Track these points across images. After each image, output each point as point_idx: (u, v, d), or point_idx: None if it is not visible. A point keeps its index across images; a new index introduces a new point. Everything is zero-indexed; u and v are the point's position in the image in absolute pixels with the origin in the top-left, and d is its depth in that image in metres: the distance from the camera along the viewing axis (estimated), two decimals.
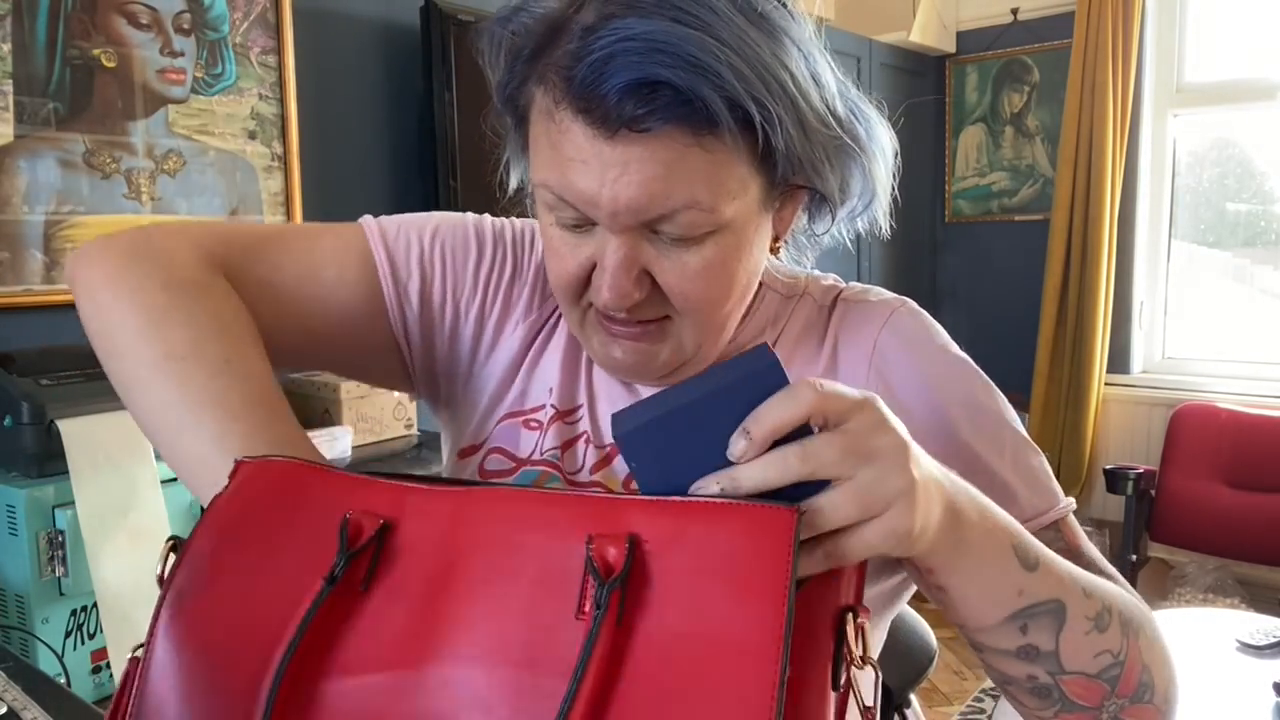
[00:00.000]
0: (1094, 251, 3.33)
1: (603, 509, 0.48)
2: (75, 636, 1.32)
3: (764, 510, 0.45)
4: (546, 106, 0.61)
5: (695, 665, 0.43)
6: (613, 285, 0.62)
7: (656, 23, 0.56)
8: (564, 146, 0.60)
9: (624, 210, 0.59)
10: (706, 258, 0.62)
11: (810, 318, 0.76)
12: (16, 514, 1.29)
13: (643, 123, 0.56)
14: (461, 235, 0.81)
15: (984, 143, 3.76)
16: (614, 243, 0.61)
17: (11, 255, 1.62)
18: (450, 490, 0.52)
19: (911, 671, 1.13)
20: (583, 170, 0.59)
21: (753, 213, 0.64)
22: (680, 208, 0.59)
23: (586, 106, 0.57)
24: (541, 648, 0.45)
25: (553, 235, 0.65)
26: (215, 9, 1.87)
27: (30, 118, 1.64)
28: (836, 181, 0.67)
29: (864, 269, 3.48)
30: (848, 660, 0.47)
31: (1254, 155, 3.40)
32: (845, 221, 0.73)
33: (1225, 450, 2.78)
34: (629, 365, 0.69)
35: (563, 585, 0.46)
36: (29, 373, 1.37)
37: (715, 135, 0.58)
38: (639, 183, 0.58)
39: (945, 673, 2.87)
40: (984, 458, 0.69)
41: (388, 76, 2.18)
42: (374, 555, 0.50)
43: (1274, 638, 1.80)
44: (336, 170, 2.11)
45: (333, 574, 0.48)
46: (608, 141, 0.58)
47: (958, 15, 3.71)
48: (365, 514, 0.51)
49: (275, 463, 0.54)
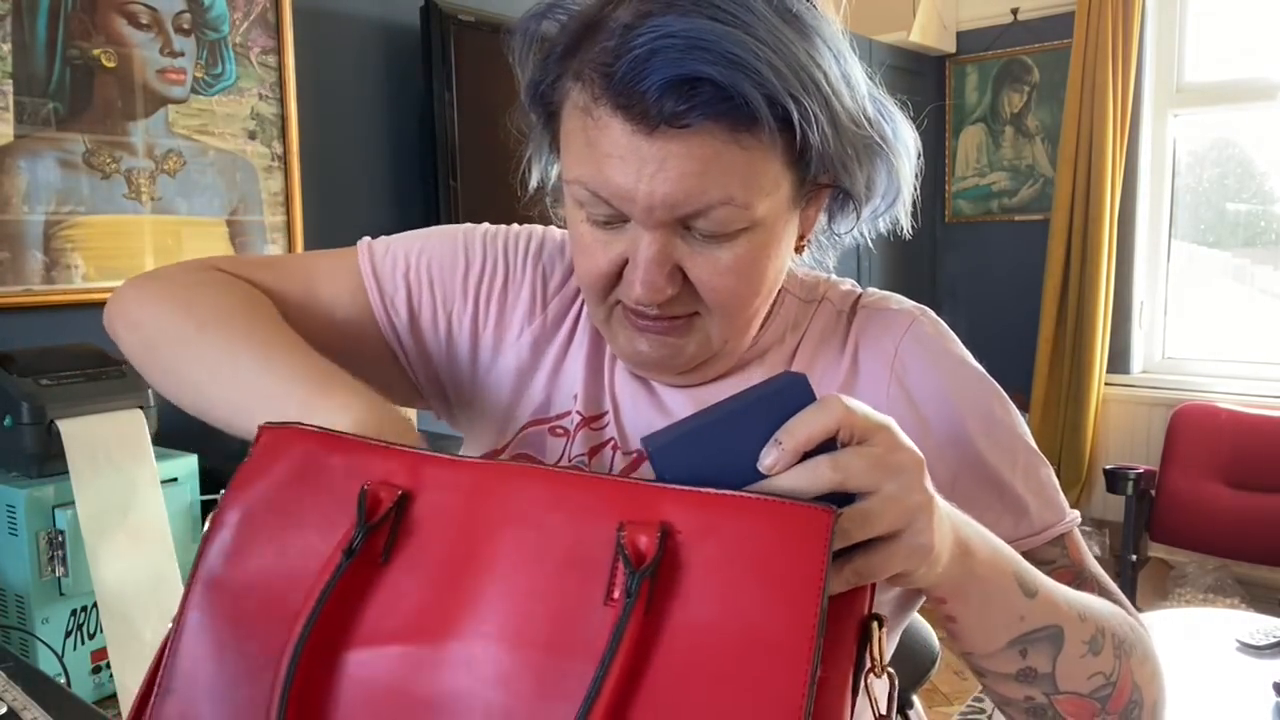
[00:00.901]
0: (1094, 251, 3.33)
1: (635, 495, 0.48)
2: (75, 636, 1.32)
3: (800, 509, 0.45)
4: (583, 103, 0.61)
5: (724, 658, 0.43)
6: (645, 280, 0.62)
7: (695, 20, 0.56)
8: (601, 143, 0.60)
9: (660, 205, 0.60)
10: (738, 254, 0.63)
11: (830, 323, 0.76)
12: (16, 514, 1.29)
13: (683, 119, 0.57)
14: (450, 247, 0.81)
15: (984, 143, 3.76)
16: (647, 238, 0.62)
17: (11, 255, 1.62)
18: (472, 463, 0.52)
19: (915, 673, 1.14)
20: (620, 166, 0.60)
21: (783, 210, 0.65)
22: (715, 204, 0.60)
23: (626, 103, 0.58)
24: (567, 631, 0.45)
25: (583, 232, 0.66)
26: (215, 9, 1.87)
27: (30, 118, 1.64)
28: (864, 180, 0.68)
29: (864, 269, 3.48)
30: (869, 667, 0.48)
31: (1254, 155, 3.40)
32: (868, 221, 0.74)
33: (1225, 450, 2.78)
34: (655, 360, 0.69)
35: (591, 569, 0.46)
36: (29, 373, 1.37)
37: (752, 133, 0.59)
38: (676, 179, 0.59)
39: (946, 673, 2.87)
40: (998, 470, 0.70)
41: (388, 76, 2.18)
42: (393, 527, 0.50)
43: (1274, 638, 1.80)
44: (336, 170, 2.11)
45: (351, 546, 0.48)
46: (647, 137, 0.58)
47: (958, 15, 3.71)
48: (383, 484, 0.50)
49: (297, 430, 0.54)
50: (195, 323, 0.68)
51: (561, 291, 0.81)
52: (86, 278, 1.71)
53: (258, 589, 0.50)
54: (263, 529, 0.51)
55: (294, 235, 2.01)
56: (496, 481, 0.50)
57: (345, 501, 0.50)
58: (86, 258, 1.71)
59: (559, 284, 0.81)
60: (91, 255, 1.72)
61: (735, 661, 0.43)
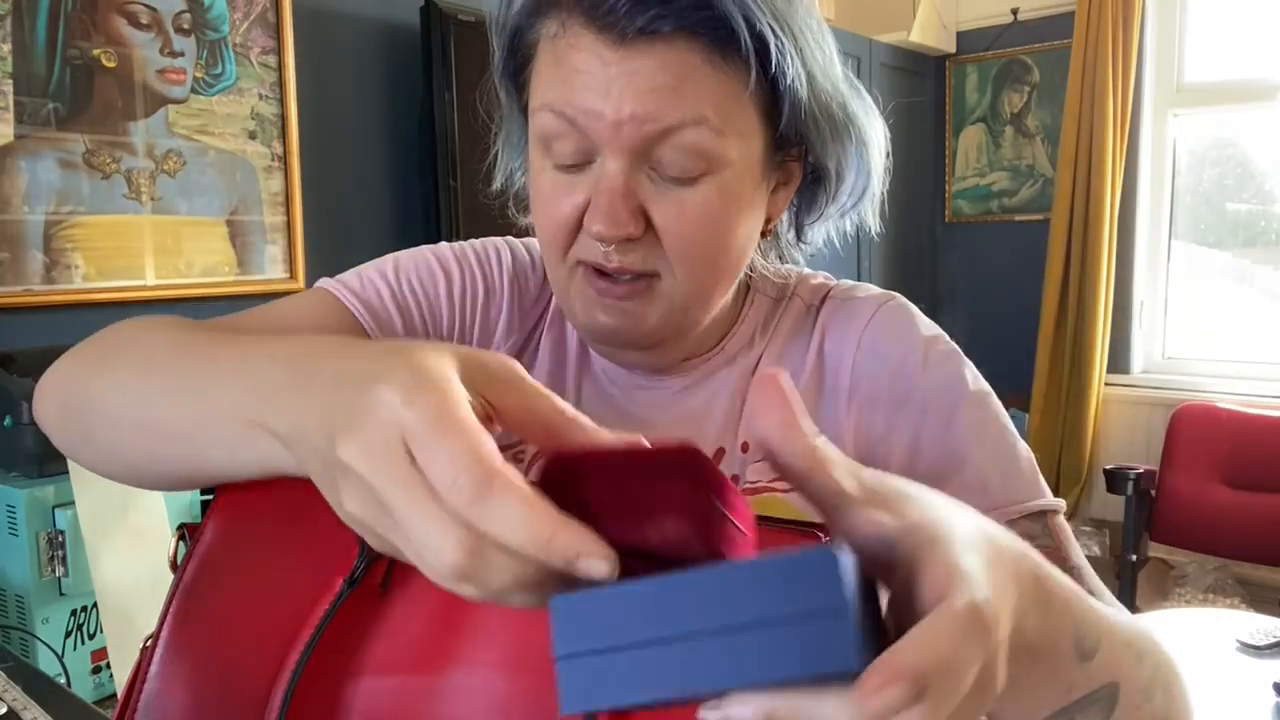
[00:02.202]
0: (1094, 251, 3.33)
1: None
2: (75, 636, 1.32)
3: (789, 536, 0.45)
4: (554, 30, 0.60)
5: None
6: (608, 213, 0.59)
7: None
8: (571, 59, 0.58)
9: (628, 120, 0.57)
10: (705, 198, 0.61)
11: (798, 319, 0.75)
12: (16, 514, 1.29)
13: (654, 24, 0.56)
14: (425, 265, 0.77)
15: (984, 143, 3.76)
16: (611, 168, 0.59)
17: (11, 255, 1.62)
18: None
19: None
20: (588, 81, 0.58)
21: (754, 164, 0.63)
22: (687, 122, 0.58)
23: (598, 14, 0.57)
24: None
25: (544, 182, 0.63)
26: (215, 9, 1.87)
27: (30, 118, 1.64)
28: (833, 160, 0.66)
29: (863, 269, 3.48)
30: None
31: (1254, 155, 3.40)
32: (835, 218, 0.73)
33: (1225, 450, 2.78)
34: (615, 329, 0.65)
35: None
36: (29, 373, 1.37)
37: (727, 56, 0.57)
38: (646, 91, 0.57)
39: None
40: (965, 439, 0.67)
41: (388, 76, 2.18)
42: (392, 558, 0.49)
43: (1274, 638, 1.80)
44: (336, 170, 2.11)
45: (353, 575, 0.48)
46: (618, 49, 0.57)
47: (958, 15, 3.71)
48: None
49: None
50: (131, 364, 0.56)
51: (531, 308, 0.78)
52: (86, 278, 1.71)
53: (242, 618, 0.49)
54: (249, 555, 0.50)
55: (294, 235, 2.01)
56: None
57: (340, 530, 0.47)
58: (86, 258, 1.71)
59: (532, 300, 0.78)
60: (91, 255, 1.72)
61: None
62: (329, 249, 2.08)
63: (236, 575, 0.50)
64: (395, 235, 2.22)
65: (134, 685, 0.49)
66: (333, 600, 0.47)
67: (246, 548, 0.51)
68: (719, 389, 0.72)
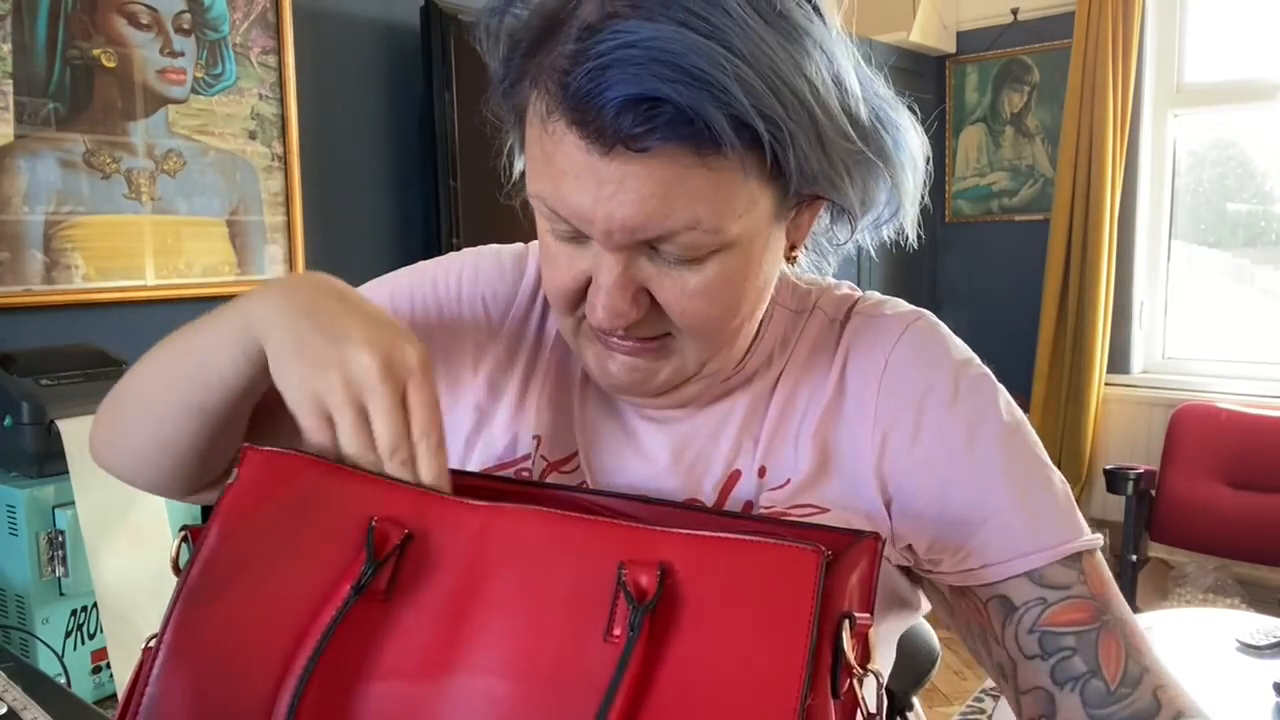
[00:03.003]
0: (1094, 251, 3.33)
1: (635, 537, 0.49)
2: (75, 636, 1.32)
3: (791, 550, 0.47)
4: (540, 112, 0.56)
5: (719, 693, 0.45)
6: (607, 305, 0.58)
7: (662, 27, 0.51)
8: (557, 158, 0.55)
9: (619, 230, 0.55)
10: (709, 277, 0.58)
11: (821, 334, 0.71)
12: (16, 514, 1.29)
13: (640, 141, 0.52)
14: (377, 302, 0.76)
15: (984, 143, 3.76)
16: (609, 260, 0.57)
17: (11, 255, 1.62)
18: (477, 505, 0.52)
19: (915, 674, 1.13)
20: (576, 185, 0.55)
21: (762, 227, 0.59)
22: (680, 229, 0.55)
23: (581, 119, 0.53)
24: (569, 666, 0.46)
25: (549, 243, 0.62)
26: (215, 9, 1.87)
27: (30, 118, 1.64)
28: (858, 195, 0.62)
29: (863, 269, 3.48)
30: (846, 667, 0.46)
31: (1254, 155, 3.40)
32: (870, 230, 0.69)
33: (1225, 450, 2.78)
34: (626, 382, 0.64)
35: (592, 608, 0.48)
36: (29, 373, 1.37)
37: (719, 155, 0.53)
38: (635, 201, 0.54)
39: (946, 673, 2.87)
40: (997, 478, 0.64)
41: (388, 76, 2.18)
42: (396, 563, 0.50)
43: (1274, 638, 1.80)
44: (336, 170, 2.11)
45: (360, 582, 0.48)
46: (603, 157, 0.53)
47: (958, 15, 3.71)
48: (389, 521, 0.51)
49: (283, 455, 0.53)
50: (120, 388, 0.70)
51: (510, 315, 0.76)
52: (86, 278, 1.71)
53: (246, 622, 0.49)
54: (253, 560, 0.50)
55: (294, 235, 2.01)
56: (501, 521, 0.52)
57: (344, 536, 0.51)
58: (86, 258, 1.71)
59: (505, 306, 0.76)
60: (91, 255, 1.72)
61: (729, 695, 0.45)
62: (329, 249, 2.08)
63: (240, 580, 0.50)
64: (395, 235, 2.22)
65: (135, 688, 0.49)
66: (339, 606, 0.48)
67: (250, 552, 0.51)
68: (733, 410, 0.69)
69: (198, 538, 0.51)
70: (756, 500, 0.67)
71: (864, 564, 0.51)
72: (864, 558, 0.51)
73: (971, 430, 0.65)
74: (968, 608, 0.67)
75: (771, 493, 0.66)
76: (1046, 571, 0.62)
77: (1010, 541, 0.63)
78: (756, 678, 0.44)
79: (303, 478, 0.53)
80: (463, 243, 1.90)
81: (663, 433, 0.70)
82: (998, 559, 0.63)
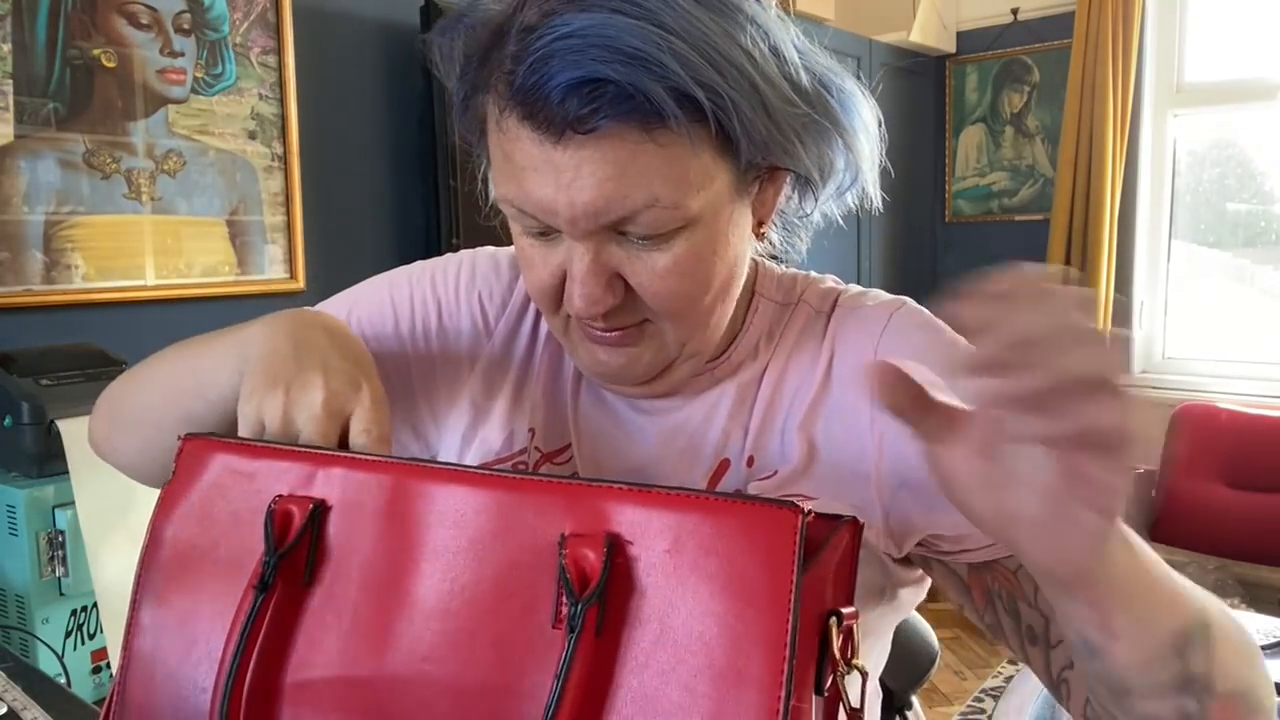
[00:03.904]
0: (1094, 251, 3.33)
1: (578, 499, 0.43)
2: (75, 636, 1.32)
3: (764, 509, 0.40)
4: (495, 115, 0.59)
5: (687, 680, 0.39)
6: (583, 294, 0.60)
7: (596, 15, 0.54)
8: (515, 155, 0.58)
9: (582, 215, 0.57)
10: (676, 255, 0.60)
11: (807, 327, 0.72)
12: (16, 514, 1.29)
13: (587, 123, 0.54)
14: (377, 300, 0.78)
15: (984, 143, 3.76)
16: (579, 249, 0.60)
17: (11, 255, 1.62)
18: (392, 463, 0.48)
19: (914, 673, 1.13)
20: (536, 178, 0.57)
21: (724, 202, 0.61)
22: (641, 207, 0.57)
23: (530, 111, 0.56)
24: (514, 644, 0.42)
25: (524, 245, 0.64)
26: (215, 9, 1.87)
27: (30, 118, 1.64)
28: (814, 160, 0.64)
29: (864, 269, 3.48)
30: (832, 664, 0.44)
31: (1254, 155, 3.40)
32: (834, 198, 0.70)
33: (1225, 450, 2.78)
34: (615, 369, 0.66)
35: (534, 589, 0.43)
36: (29, 373, 1.37)
37: (666, 128, 0.55)
38: (593, 185, 0.56)
39: (946, 673, 2.87)
40: None
41: (388, 76, 2.18)
42: (311, 545, 0.47)
43: (1274, 638, 1.80)
44: (336, 170, 2.11)
45: (263, 580, 0.46)
46: (556, 146, 0.56)
47: (958, 15, 3.71)
48: (293, 498, 0.48)
49: (208, 441, 0.52)
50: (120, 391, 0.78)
51: (505, 313, 0.77)
52: (86, 278, 1.71)
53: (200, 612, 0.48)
54: (194, 549, 0.49)
55: (294, 235, 2.01)
56: (421, 484, 0.47)
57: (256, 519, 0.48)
58: (86, 258, 1.71)
59: (500, 305, 0.77)
60: (91, 255, 1.72)
61: (699, 689, 0.39)
62: (329, 249, 2.08)
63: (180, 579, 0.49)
64: (395, 235, 2.22)
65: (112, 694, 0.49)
66: (247, 613, 0.45)
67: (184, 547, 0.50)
68: (721, 399, 0.71)
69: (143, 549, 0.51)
70: (745, 489, 0.68)
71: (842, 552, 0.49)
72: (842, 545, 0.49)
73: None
74: (994, 579, 0.67)
75: (759, 483, 0.67)
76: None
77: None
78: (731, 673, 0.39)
79: (218, 460, 0.51)
80: (462, 243, 1.90)
81: (653, 423, 0.72)
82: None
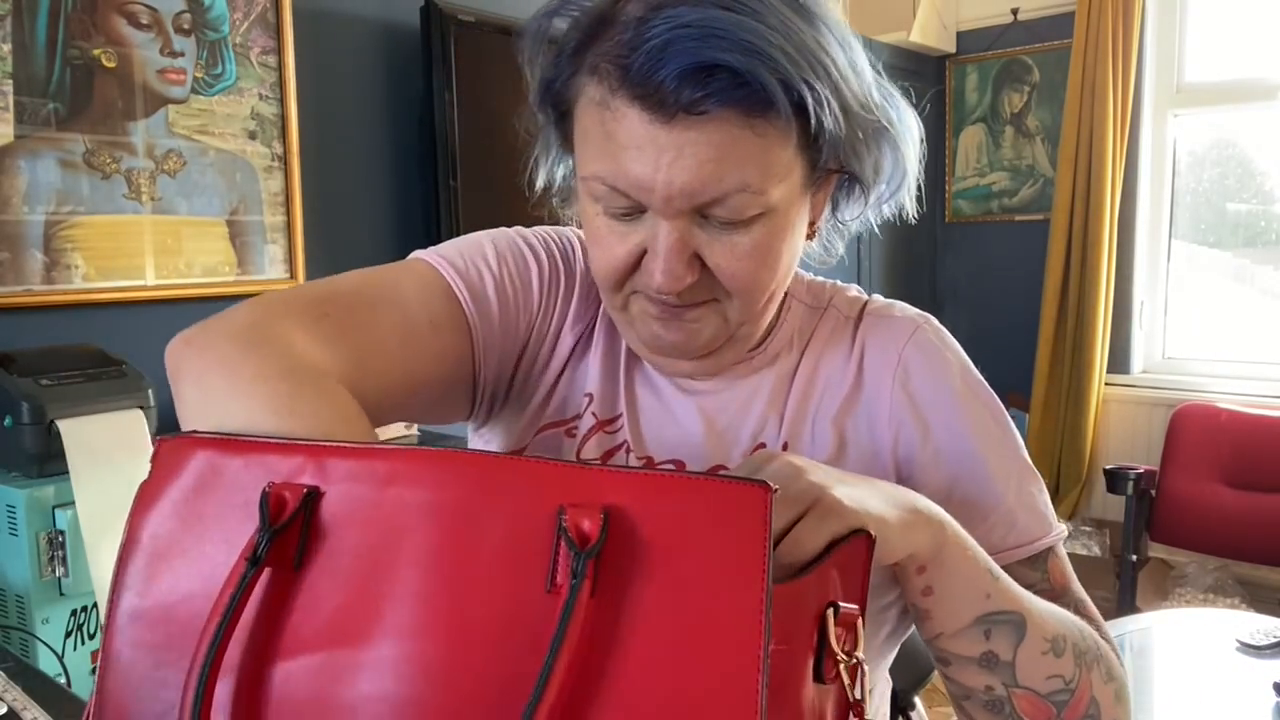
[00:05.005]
0: (1094, 251, 3.33)
1: (573, 478, 0.46)
2: (75, 636, 1.32)
3: (736, 486, 0.44)
4: (600, 97, 0.62)
5: (674, 641, 0.42)
6: (666, 269, 0.63)
7: (708, 10, 0.58)
8: (619, 134, 0.61)
9: (678, 194, 0.61)
10: (755, 239, 0.64)
11: (837, 329, 0.78)
12: (16, 514, 1.29)
13: (700, 105, 0.58)
14: (518, 252, 0.78)
15: (984, 143, 3.76)
16: (666, 228, 0.63)
17: (11, 255, 1.62)
18: (383, 449, 0.49)
19: (917, 674, 1.13)
20: (637, 156, 0.61)
21: (796, 195, 0.66)
22: (732, 191, 0.61)
23: (644, 93, 0.59)
24: (507, 624, 0.44)
25: (599, 225, 0.67)
26: (215, 9, 1.87)
27: (30, 118, 1.63)
28: (872, 164, 0.69)
29: (864, 269, 3.48)
30: (831, 654, 0.48)
31: (1254, 155, 3.40)
32: (874, 207, 0.75)
33: (1225, 450, 2.78)
34: (672, 343, 0.70)
35: (531, 557, 0.44)
36: (29, 373, 1.37)
37: (767, 119, 0.60)
38: (693, 166, 0.60)
39: None
40: (993, 480, 0.72)
41: (388, 76, 2.18)
42: (303, 528, 0.47)
43: (1274, 638, 1.80)
44: (336, 170, 2.11)
45: (255, 554, 0.46)
46: (664, 126, 0.59)
47: (958, 15, 3.71)
48: (288, 484, 0.48)
49: (183, 440, 0.52)
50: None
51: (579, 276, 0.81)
52: (86, 278, 1.71)
53: (178, 611, 0.48)
54: (174, 547, 0.49)
55: (294, 235, 2.01)
56: (414, 468, 0.48)
57: (251, 506, 0.48)
58: (86, 258, 1.71)
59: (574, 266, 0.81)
60: (91, 255, 1.72)
61: (685, 643, 0.42)
62: (329, 249, 2.08)
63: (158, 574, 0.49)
64: (395, 235, 2.22)
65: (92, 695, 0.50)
66: (237, 583, 0.45)
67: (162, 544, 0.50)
68: (760, 387, 0.75)
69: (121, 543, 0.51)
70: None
71: (851, 556, 0.53)
72: (853, 551, 0.53)
73: (975, 430, 0.73)
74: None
75: None
76: (1018, 570, 0.71)
77: (998, 540, 0.71)
78: (712, 626, 0.42)
79: (207, 456, 0.51)
80: None
81: (696, 405, 0.76)
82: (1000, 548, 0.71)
